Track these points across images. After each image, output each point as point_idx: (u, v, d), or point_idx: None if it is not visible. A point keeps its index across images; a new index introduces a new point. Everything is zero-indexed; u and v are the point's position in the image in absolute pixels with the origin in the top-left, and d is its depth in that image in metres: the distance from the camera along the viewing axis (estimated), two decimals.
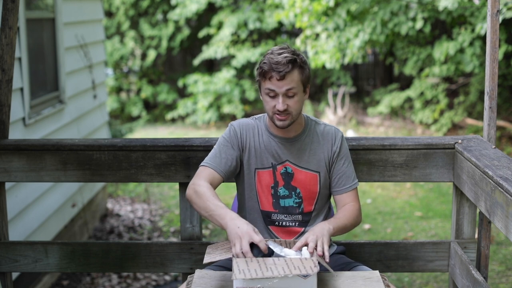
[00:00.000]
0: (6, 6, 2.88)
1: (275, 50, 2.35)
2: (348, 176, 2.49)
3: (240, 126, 2.49)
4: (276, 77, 2.29)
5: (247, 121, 2.52)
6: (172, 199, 6.81)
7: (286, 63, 2.29)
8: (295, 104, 2.35)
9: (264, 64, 2.32)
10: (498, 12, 2.66)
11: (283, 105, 2.32)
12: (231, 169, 2.44)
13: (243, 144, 2.47)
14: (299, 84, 2.34)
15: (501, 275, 4.56)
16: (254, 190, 2.48)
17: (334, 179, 2.49)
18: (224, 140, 2.47)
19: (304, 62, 2.36)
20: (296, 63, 2.31)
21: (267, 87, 2.33)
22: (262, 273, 1.99)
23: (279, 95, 2.32)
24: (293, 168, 2.46)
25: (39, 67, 4.81)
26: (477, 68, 7.50)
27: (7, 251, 2.96)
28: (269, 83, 2.32)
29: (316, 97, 12.36)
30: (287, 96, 2.33)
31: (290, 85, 2.31)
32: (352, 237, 5.46)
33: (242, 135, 2.47)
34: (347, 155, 2.51)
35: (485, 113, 2.76)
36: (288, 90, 2.31)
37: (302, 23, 8.00)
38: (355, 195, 2.50)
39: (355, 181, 2.51)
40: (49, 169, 2.91)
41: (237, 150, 2.46)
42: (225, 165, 2.42)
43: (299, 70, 2.33)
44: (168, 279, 4.79)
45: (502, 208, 2.19)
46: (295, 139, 2.47)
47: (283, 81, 2.30)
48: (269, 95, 2.34)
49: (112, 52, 11.79)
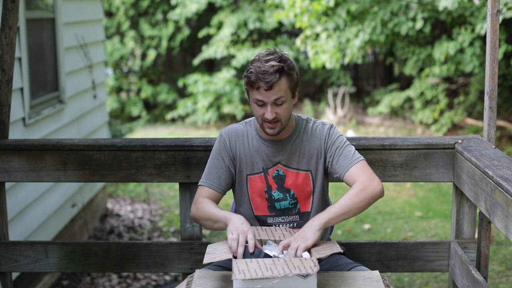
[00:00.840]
0: (6, 6, 2.88)
1: (262, 56, 2.32)
2: (345, 156, 2.41)
3: (229, 134, 2.49)
4: (263, 87, 2.27)
5: (236, 128, 2.51)
6: (172, 199, 6.81)
7: (274, 73, 2.26)
8: (284, 111, 2.34)
9: (251, 74, 2.30)
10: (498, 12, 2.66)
11: (271, 114, 2.31)
12: (227, 182, 2.48)
13: (233, 153, 2.48)
14: (287, 91, 2.32)
15: (501, 275, 4.56)
16: (247, 196, 2.49)
17: (334, 166, 2.43)
18: (215, 153, 2.50)
19: (291, 68, 2.33)
20: (283, 72, 2.29)
21: (255, 97, 2.32)
22: (262, 273, 1.99)
23: (267, 104, 2.31)
24: (284, 170, 2.46)
25: (39, 67, 4.81)
26: (477, 68, 7.50)
27: (7, 251, 2.96)
28: (257, 93, 2.30)
29: (316, 97, 12.35)
30: (276, 105, 2.32)
31: (278, 95, 2.29)
32: (352, 237, 5.46)
33: (231, 144, 2.48)
34: (339, 142, 2.45)
35: (485, 113, 2.76)
36: (276, 100, 2.30)
37: (302, 23, 8.00)
38: (359, 170, 2.38)
39: (355, 157, 2.41)
40: (49, 169, 2.91)
41: (227, 160, 2.47)
42: (219, 179, 2.46)
43: (287, 77, 2.31)
44: (168, 279, 4.79)
45: (502, 208, 2.19)
46: (286, 140, 2.46)
47: (271, 91, 2.28)
48: (258, 104, 2.33)
49: (112, 52, 11.79)
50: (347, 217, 2.31)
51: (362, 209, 2.32)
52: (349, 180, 2.39)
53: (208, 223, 2.37)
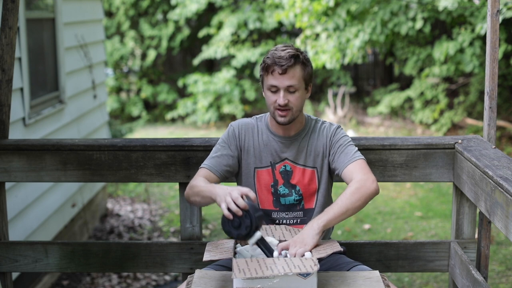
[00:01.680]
0: (6, 6, 2.88)
1: (279, 47, 2.41)
2: (346, 153, 2.45)
3: (239, 126, 2.53)
4: (278, 71, 2.34)
5: (247, 121, 2.56)
6: (172, 199, 6.81)
7: (289, 58, 2.34)
8: (296, 100, 2.39)
9: (267, 59, 2.38)
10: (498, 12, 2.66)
11: (284, 100, 2.36)
12: (227, 169, 2.49)
13: (241, 144, 2.51)
14: (301, 80, 2.38)
15: (501, 275, 4.56)
16: (253, 188, 2.51)
17: (334, 162, 2.47)
18: (222, 141, 2.53)
19: (307, 59, 2.41)
20: (298, 59, 2.37)
21: (269, 83, 2.38)
22: (262, 272, 1.99)
23: (280, 90, 2.36)
24: (291, 166, 2.49)
25: (39, 67, 4.81)
26: (477, 68, 7.50)
27: (7, 251, 2.96)
28: (271, 77, 2.37)
29: (316, 97, 12.35)
30: (289, 92, 2.37)
31: (291, 81, 2.36)
32: (352, 237, 5.46)
33: (241, 135, 2.51)
34: (342, 141, 2.48)
35: (485, 113, 2.76)
36: (289, 86, 2.36)
37: (302, 23, 8.00)
38: (356, 168, 2.40)
39: (355, 156, 2.43)
40: (49, 169, 2.91)
41: (234, 150, 2.50)
42: (220, 165, 2.48)
43: (301, 66, 2.38)
44: (168, 279, 4.80)
45: (502, 208, 2.19)
46: (295, 137, 2.50)
47: (284, 76, 2.35)
48: (271, 90, 2.39)
49: (112, 52, 11.79)
50: (345, 217, 2.32)
51: (359, 208, 2.33)
52: (346, 176, 2.42)
53: (196, 199, 2.38)
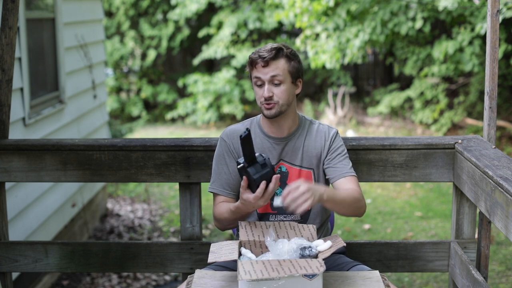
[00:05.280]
0: (6, 6, 2.88)
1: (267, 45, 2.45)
2: (344, 165, 2.45)
3: (228, 135, 2.51)
4: (261, 63, 2.36)
5: (235, 128, 2.53)
6: (172, 199, 6.81)
7: (270, 50, 2.36)
8: (281, 93, 2.38)
9: (252, 54, 2.41)
10: (498, 12, 2.66)
11: (268, 92, 2.36)
12: (237, 185, 2.47)
13: (236, 153, 2.48)
14: (286, 73, 2.38)
15: (501, 275, 4.56)
16: None
17: (330, 168, 2.46)
18: (217, 156, 2.52)
19: (292, 54, 2.41)
20: (281, 51, 2.38)
21: (254, 76, 2.40)
22: (268, 273, 1.98)
23: (265, 82, 2.37)
24: (287, 167, 2.48)
25: (39, 67, 4.81)
26: (476, 67, 7.49)
27: (7, 251, 2.96)
28: (255, 71, 2.39)
29: (316, 97, 12.35)
30: (273, 84, 2.38)
31: (275, 72, 2.36)
32: (352, 237, 5.46)
33: (234, 144, 2.49)
34: (341, 150, 2.48)
35: (485, 113, 2.76)
36: (273, 77, 2.36)
37: (302, 23, 8.00)
38: (354, 183, 2.42)
39: (351, 171, 2.45)
40: (49, 169, 2.91)
41: (230, 161, 2.48)
42: (229, 185, 2.48)
43: (286, 59, 2.39)
44: (168, 279, 4.80)
45: (502, 208, 2.19)
46: (289, 137, 2.48)
47: (267, 68, 2.36)
48: (257, 84, 2.40)
49: (112, 52, 11.78)
50: (337, 209, 2.33)
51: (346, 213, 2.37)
52: (340, 185, 2.42)
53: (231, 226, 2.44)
